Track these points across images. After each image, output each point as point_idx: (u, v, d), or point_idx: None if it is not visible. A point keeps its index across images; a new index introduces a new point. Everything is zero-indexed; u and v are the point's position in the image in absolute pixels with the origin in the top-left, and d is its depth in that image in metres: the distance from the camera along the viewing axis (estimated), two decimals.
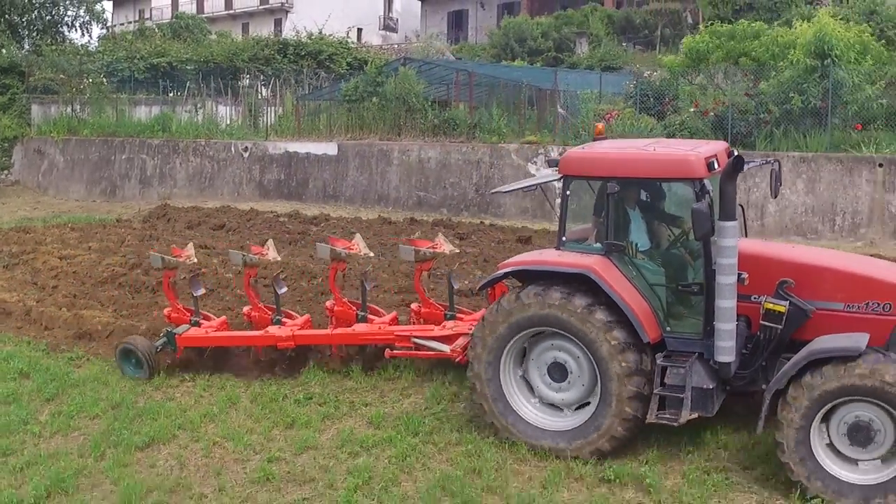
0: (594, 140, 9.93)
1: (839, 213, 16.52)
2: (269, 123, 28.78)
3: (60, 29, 38.39)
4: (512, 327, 8.56)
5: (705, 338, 8.25)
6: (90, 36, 39.99)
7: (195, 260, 12.81)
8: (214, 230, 20.05)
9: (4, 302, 14.05)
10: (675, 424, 7.95)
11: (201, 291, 12.01)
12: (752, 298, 8.21)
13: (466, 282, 13.41)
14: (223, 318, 11.89)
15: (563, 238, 8.81)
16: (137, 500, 7.64)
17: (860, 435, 7.22)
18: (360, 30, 62.01)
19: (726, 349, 7.91)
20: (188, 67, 33.51)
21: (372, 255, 13.00)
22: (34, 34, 36.75)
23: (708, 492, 7.22)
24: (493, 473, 7.76)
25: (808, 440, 7.28)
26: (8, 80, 31.47)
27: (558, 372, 8.54)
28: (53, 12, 37.45)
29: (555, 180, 9.50)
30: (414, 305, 11.40)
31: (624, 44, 39.31)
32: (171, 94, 31.84)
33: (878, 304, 7.91)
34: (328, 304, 11.57)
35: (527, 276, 8.70)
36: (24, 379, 10.82)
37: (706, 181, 8.03)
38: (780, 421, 7.34)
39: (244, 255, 11.79)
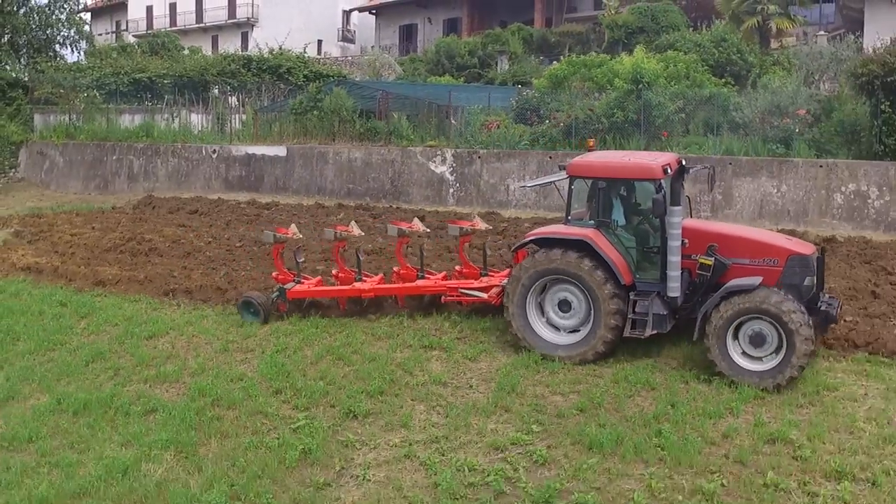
0: (588, 152, 12.84)
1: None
2: (233, 130, 30.38)
3: (53, 47, 39.57)
4: (539, 273, 11.35)
5: (661, 281, 11.04)
6: (79, 52, 41.73)
7: (300, 236, 14.98)
8: (190, 214, 23.26)
9: (37, 263, 17.88)
10: (642, 337, 10.97)
11: (302, 259, 14.31)
12: (692, 257, 11.03)
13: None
14: (318, 277, 14.43)
15: (569, 217, 11.73)
16: (147, 362, 12.08)
17: (757, 339, 10.33)
18: (320, 41, 62.02)
19: (675, 288, 10.87)
20: (165, 81, 34.56)
21: (429, 230, 15.47)
22: (31, 52, 37.97)
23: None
24: (359, 345, 12.21)
25: (725, 345, 10.40)
26: (14, 94, 33.17)
27: (565, 306, 11.43)
28: (49, 32, 38.73)
29: (563, 179, 12.18)
30: (457, 267, 13.94)
31: (541, 57, 41.76)
32: (151, 105, 33.16)
33: (770, 260, 10.81)
34: (395, 269, 13.89)
35: (544, 242, 11.49)
36: (63, 306, 14.87)
37: (662, 181, 10.74)
38: (707, 333, 10.45)
39: (336, 232, 14.03)
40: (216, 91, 35.63)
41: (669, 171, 11.09)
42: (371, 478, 8.74)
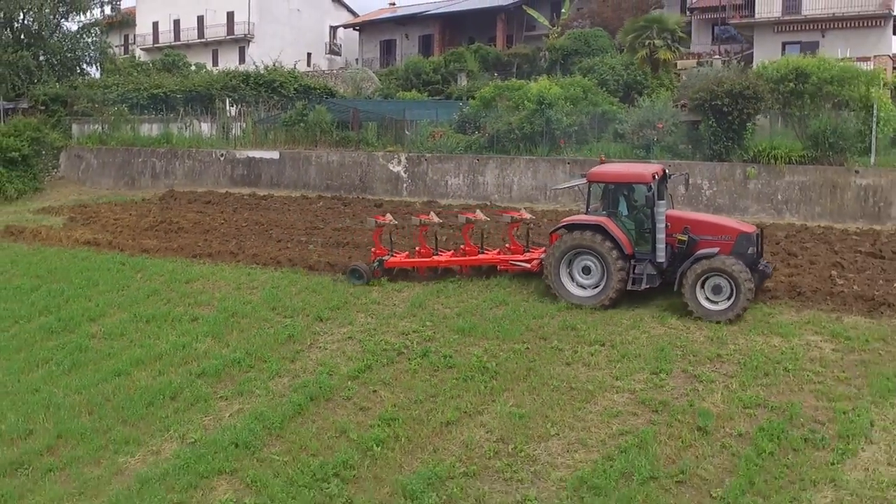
0: (600, 164, 16.58)
1: (549, 189, 25.82)
2: (236, 136, 34.42)
3: (81, 65, 44.00)
4: (568, 248, 15.05)
5: (652, 252, 14.69)
6: (102, 70, 45.07)
7: (395, 222, 18.50)
8: (205, 204, 28.31)
9: (95, 238, 23.11)
10: (639, 290, 14.74)
11: (394, 239, 18.22)
12: (673, 235, 14.69)
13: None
14: (406, 252, 18.03)
15: (588, 209, 15.35)
16: (187, 295, 17.55)
17: (716, 290, 14.07)
18: (309, 54, 66.53)
19: (661, 256, 14.59)
20: (177, 96, 38.84)
21: (488, 219, 18.70)
22: (64, 70, 42.11)
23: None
24: (327, 283, 17.71)
25: (695, 294, 14.19)
26: (55, 107, 37.44)
27: (586, 270, 15.15)
28: (78, 53, 42.98)
29: (584, 183, 15.74)
30: (507, 245, 17.64)
31: (496, 75, 45.80)
32: (166, 116, 37.37)
33: (726, 236, 14.48)
34: (462, 247, 17.65)
35: (572, 227, 15.16)
36: (122, 265, 20.13)
37: (651, 184, 14.38)
38: (683, 284, 14.24)
39: (420, 220, 17.91)
40: (221, 103, 39.63)
41: (657, 177, 14.83)
42: (328, 348, 14.38)
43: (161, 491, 10.13)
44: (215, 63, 62.89)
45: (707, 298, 14.32)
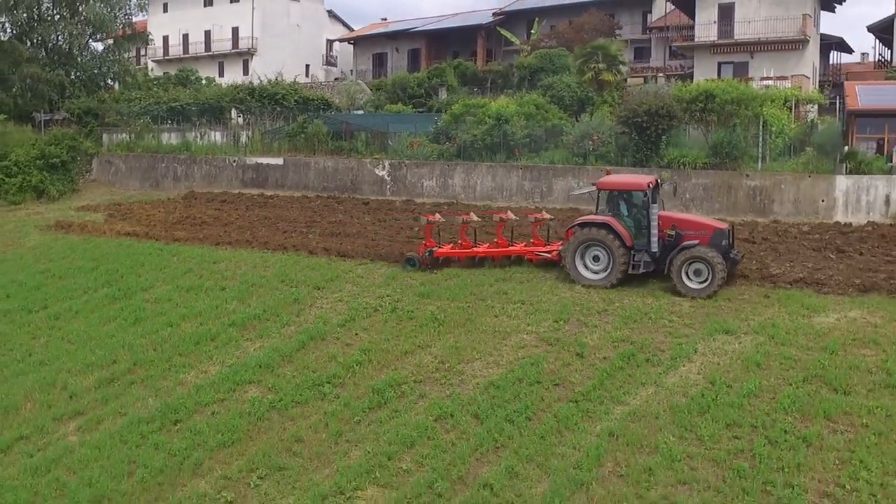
0: (606, 175, 19.37)
1: (505, 190, 29.64)
2: (245, 144, 38.18)
3: (106, 80, 48.35)
4: (582, 241, 17.95)
5: (647, 244, 17.62)
6: (123, 85, 48.76)
7: (443, 219, 21.50)
8: (221, 203, 32.41)
9: (133, 231, 27.30)
10: (637, 273, 17.80)
11: (442, 233, 21.40)
12: (663, 231, 17.68)
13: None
14: (451, 244, 20.98)
15: (597, 211, 18.41)
16: (215, 273, 22.07)
17: (697, 273, 17.16)
18: (307, 65, 69.50)
19: (655, 247, 17.61)
20: (192, 108, 42.61)
21: (517, 218, 21.58)
22: (92, 86, 46.17)
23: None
24: (323, 263, 22.44)
25: (680, 276, 17.25)
26: (88, 119, 41.88)
27: (596, 259, 18.06)
28: (104, 70, 47.18)
29: (594, 190, 18.65)
30: (531, 239, 20.62)
31: (475, 89, 49.50)
32: (183, 126, 41.16)
33: (704, 231, 17.51)
34: (495, 240, 20.66)
35: (584, 224, 18.05)
36: (160, 251, 24.35)
37: (647, 190, 17.37)
38: (671, 268, 17.34)
39: (462, 219, 20.85)
40: (230, 114, 43.44)
41: (651, 185, 17.85)
42: (323, 307, 18.91)
43: (211, 392, 14.79)
44: (221, 74, 66.26)
45: (690, 279, 17.56)
